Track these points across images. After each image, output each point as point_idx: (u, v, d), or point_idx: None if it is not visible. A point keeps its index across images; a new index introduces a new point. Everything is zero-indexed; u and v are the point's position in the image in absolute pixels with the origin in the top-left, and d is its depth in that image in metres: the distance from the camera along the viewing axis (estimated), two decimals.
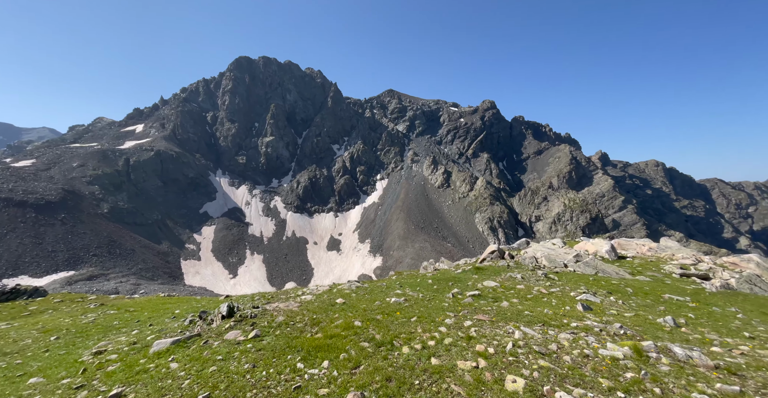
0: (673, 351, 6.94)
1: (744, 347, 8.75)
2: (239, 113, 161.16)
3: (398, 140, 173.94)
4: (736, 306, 14.74)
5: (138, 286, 69.19)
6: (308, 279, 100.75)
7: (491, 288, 15.48)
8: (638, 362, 6.56)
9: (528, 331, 8.37)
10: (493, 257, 24.65)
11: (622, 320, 10.80)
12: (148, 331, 11.10)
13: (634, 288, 17.21)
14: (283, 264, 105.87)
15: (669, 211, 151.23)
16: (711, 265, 20.73)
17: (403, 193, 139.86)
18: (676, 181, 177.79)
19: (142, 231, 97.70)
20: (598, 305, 12.82)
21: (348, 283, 18.23)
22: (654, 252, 25.86)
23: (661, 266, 22.13)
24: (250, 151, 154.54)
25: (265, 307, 11.42)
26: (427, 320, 9.83)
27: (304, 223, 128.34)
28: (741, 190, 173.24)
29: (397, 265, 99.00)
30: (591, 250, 27.27)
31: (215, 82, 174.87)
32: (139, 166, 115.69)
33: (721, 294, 16.95)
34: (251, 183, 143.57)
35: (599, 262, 21.88)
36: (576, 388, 5.56)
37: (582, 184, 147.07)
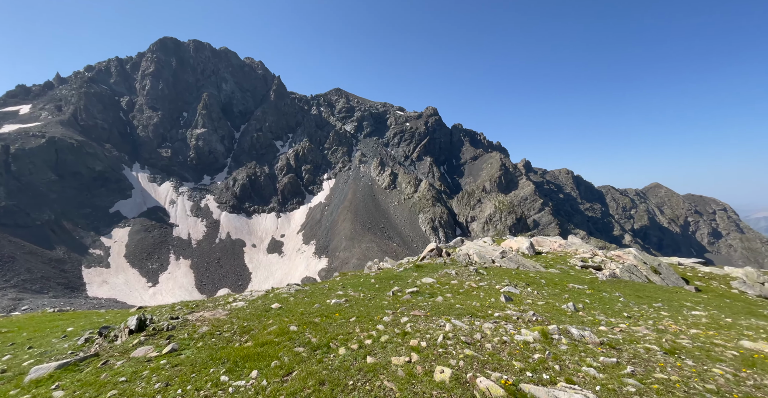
0: (571, 332, 8.16)
1: (623, 325, 10.71)
2: (163, 100, 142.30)
3: (346, 140, 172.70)
4: (619, 292, 17.99)
5: (19, 301, 56.13)
6: (245, 284, 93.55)
7: (429, 285, 16.30)
8: (544, 344, 7.55)
9: (457, 323, 9.00)
10: (432, 255, 26.02)
11: (536, 308, 12.33)
12: (25, 356, 9.04)
13: (546, 280, 19.81)
14: (215, 269, 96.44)
15: (575, 213, 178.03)
16: (603, 258, 25.00)
17: (351, 194, 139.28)
18: (581, 187, 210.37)
19: (27, 234, 79.66)
20: (518, 296, 14.45)
21: (287, 287, 17.40)
22: (563, 248, 30.18)
23: (568, 260, 25.95)
24: (176, 144, 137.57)
25: (186, 317, 10.23)
26: (366, 319, 9.90)
27: (241, 224, 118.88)
28: (626, 196, 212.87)
29: (343, 266, 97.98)
30: (514, 247, 30.61)
31: (133, 63, 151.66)
32: (23, 155, 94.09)
33: (609, 281, 20.53)
34: (177, 179, 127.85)
35: (520, 258, 24.66)
36: (494, 372, 6.16)
37: (509, 188, 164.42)
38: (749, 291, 20.59)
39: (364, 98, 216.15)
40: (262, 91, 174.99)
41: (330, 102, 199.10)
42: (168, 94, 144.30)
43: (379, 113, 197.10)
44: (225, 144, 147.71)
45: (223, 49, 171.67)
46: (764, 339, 9.83)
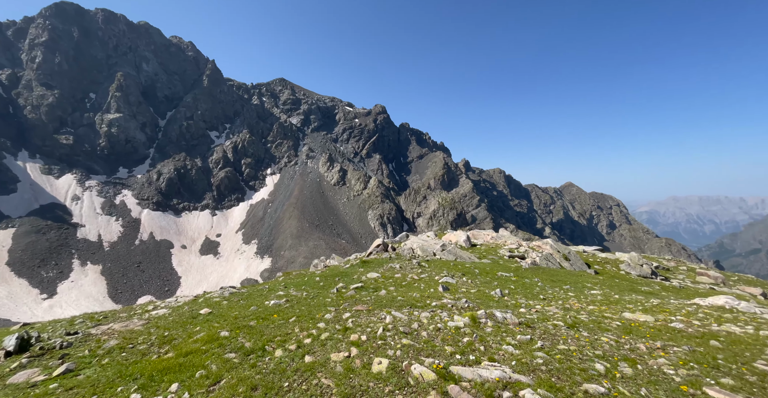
0: (496, 316, 9.07)
1: (538, 306, 12.25)
2: (62, 77, 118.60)
3: (292, 133, 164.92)
4: (538, 277, 20.52)
5: None
6: (173, 290, 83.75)
7: (373, 279, 16.56)
8: (473, 328, 8.26)
9: (398, 315, 9.32)
10: (379, 250, 26.49)
11: (469, 296, 13.41)
12: None
13: (479, 269, 21.66)
14: (134, 275, 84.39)
15: (506, 208, 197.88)
16: (526, 248, 28.26)
17: (298, 190, 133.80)
18: (511, 185, 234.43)
19: None
20: (454, 285, 15.54)
21: (220, 290, 16.05)
22: (494, 240, 33.31)
23: (498, 250, 28.77)
24: (81, 130, 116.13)
25: (89, 332, 8.76)
26: (307, 318, 9.66)
27: (167, 223, 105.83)
28: (546, 193, 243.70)
29: (288, 266, 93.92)
30: (453, 240, 32.79)
31: (16, 28, 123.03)
32: None
33: (531, 269, 23.30)
34: (83, 171, 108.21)
35: (458, 250, 26.52)
36: (428, 358, 6.53)
37: (451, 186, 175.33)
38: (632, 272, 25.31)
39: (312, 91, 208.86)
40: (194, 75, 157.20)
41: (273, 92, 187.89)
42: (68, 71, 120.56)
43: (328, 107, 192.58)
44: (147, 132, 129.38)
45: (143, 23, 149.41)
46: (640, 311, 12.16)
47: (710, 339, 8.08)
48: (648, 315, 10.77)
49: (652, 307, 13.02)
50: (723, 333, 8.81)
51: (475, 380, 5.59)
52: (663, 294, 18.54)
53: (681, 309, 12.68)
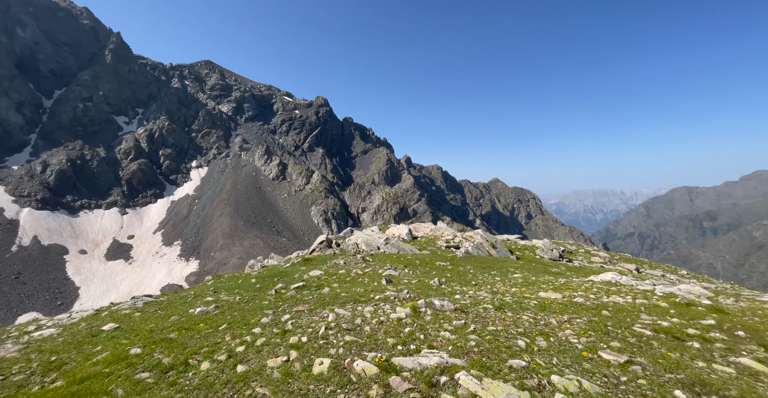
0: (434, 304, 9.55)
1: (471, 292, 13.29)
2: None
3: (222, 122, 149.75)
4: (470, 265, 22.35)
5: None
6: (68, 304, 69.77)
7: (316, 277, 16.05)
8: (414, 318, 8.56)
9: (341, 312, 9.16)
10: (322, 247, 25.80)
11: (410, 286, 13.91)
12: None
13: (420, 260, 22.69)
14: (11, 288, 67.88)
15: (443, 202, 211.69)
16: (460, 239, 30.57)
17: (230, 185, 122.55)
18: (448, 181, 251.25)
19: None
20: (397, 277, 15.97)
21: (131, 301, 13.80)
22: (433, 232, 35.27)
23: (436, 242, 30.56)
24: None
25: None
26: (241, 324, 8.87)
27: (59, 224, 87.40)
28: (477, 188, 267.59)
29: (219, 268, 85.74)
30: (396, 234, 33.75)
31: None
32: None
33: (465, 257, 25.28)
34: None
35: (401, 243, 27.37)
36: (371, 353, 6.53)
37: (394, 181, 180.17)
38: (545, 256, 29.31)
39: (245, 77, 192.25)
40: (91, 48, 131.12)
41: (198, 76, 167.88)
42: None
43: (264, 96, 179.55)
44: (25, 114, 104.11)
45: None
46: (552, 290, 14.09)
47: (602, 310, 9.75)
48: (557, 293, 12.55)
49: (560, 286, 15.22)
50: (611, 303, 10.72)
51: (416, 369, 5.77)
52: (568, 274, 21.87)
53: (581, 285, 15.10)
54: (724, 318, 8.86)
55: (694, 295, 12.08)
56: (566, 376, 5.38)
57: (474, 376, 5.41)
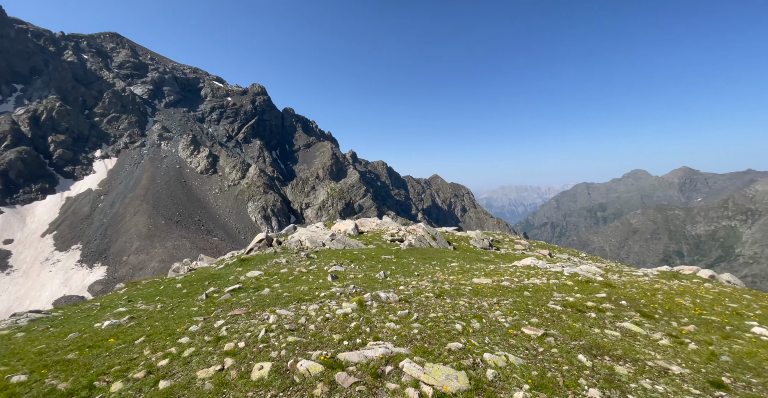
0: (380, 296, 9.73)
1: (414, 282, 13.89)
2: None
3: (136, 107, 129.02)
4: (413, 257, 23.35)
5: None
6: None
7: (255, 278, 15.00)
8: (360, 312, 8.60)
9: (283, 312, 8.72)
10: (262, 246, 24.19)
11: (356, 281, 13.94)
12: None
13: (366, 255, 22.89)
14: None
15: (388, 197, 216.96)
16: (404, 232, 31.72)
17: (148, 178, 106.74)
18: (392, 176, 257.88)
19: None
20: (343, 273, 15.86)
21: (12, 319, 11.13)
22: (379, 227, 35.89)
23: (382, 236, 31.18)
24: None
25: None
26: (164, 335, 7.82)
27: None
28: (419, 183, 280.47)
29: (135, 274, 74.47)
30: (342, 229, 33.44)
31: None
32: None
33: (408, 250, 26.30)
34: None
35: (347, 238, 27.22)
36: (315, 351, 6.36)
37: (340, 176, 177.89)
38: (478, 246, 32.16)
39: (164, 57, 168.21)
40: None
41: (101, 50, 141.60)
42: None
43: (189, 80, 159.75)
44: None
45: None
46: (483, 275, 15.52)
47: (524, 291, 11.10)
48: (488, 279, 13.88)
49: (490, 272, 16.87)
50: (531, 285, 12.26)
51: (361, 362, 5.80)
52: (496, 261, 24.38)
53: (507, 270, 16.97)
54: (612, 291, 10.84)
55: (591, 274, 14.53)
56: (496, 353, 5.98)
57: (417, 362, 5.66)
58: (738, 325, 7.68)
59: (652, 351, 6.17)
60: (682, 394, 4.63)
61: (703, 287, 13.03)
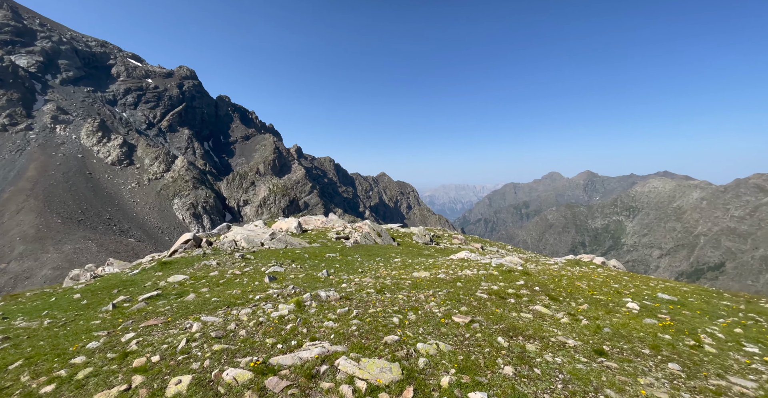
0: (320, 296, 9.54)
1: (357, 279, 13.93)
2: None
3: (19, 81, 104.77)
4: (358, 254, 23.42)
5: None
6: None
7: (178, 283, 13.41)
8: (297, 313, 8.31)
9: (210, 319, 7.96)
10: (188, 247, 21.71)
11: (297, 281, 13.44)
12: None
13: (310, 254, 22.23)
14: None
15: (336, 194, 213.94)
16: (350, 229, 31.63)
17: (36, 169, 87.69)
18: (340, 173, 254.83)
19: None
20: (282, 273, 15.13)
21: None
22: (324, 225, 35.13)
23: (327, 234, 30.60)
24: None
25: None
26: (51, 356, 6.51)
27: None
28: (367, 181, 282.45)
29: (18, 285, 60.72)
30: (285, 228, 31.91)
31: None
32: None
33: (353, 247, 26.30)
34: None
35: (289, 237, 26.06)
36: (245, 358, 5.96)
37: (283, 172, 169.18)
38: (420, 241, 33.70)
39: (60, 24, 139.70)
40: None
41: None
42: None
43: (95, 54, 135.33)
44: None
45: None
46: (423, 269, 16.30)
47: (457, 282, 11.97)
48: (426, 272, 14.64)
49: (429, 265, 17.82)
50: (463, 276, 13.27)
51: (295, 364, 5.62)
52: (435, 255, 25.86)
53: (444, 263, 18.12)
54: (529, 278, 12.34)
55: (513, 264, 16.34)
56: (428, 342, 6.34)
57: (353, 359, 5.69)
58: (617, 302, 9.44)
59: (555, 328, 7.20)
60: (574, 363, 5.50)
61: (596, 272, 15.67)
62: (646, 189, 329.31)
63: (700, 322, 8.10)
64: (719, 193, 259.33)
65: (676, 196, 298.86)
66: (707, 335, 7.20)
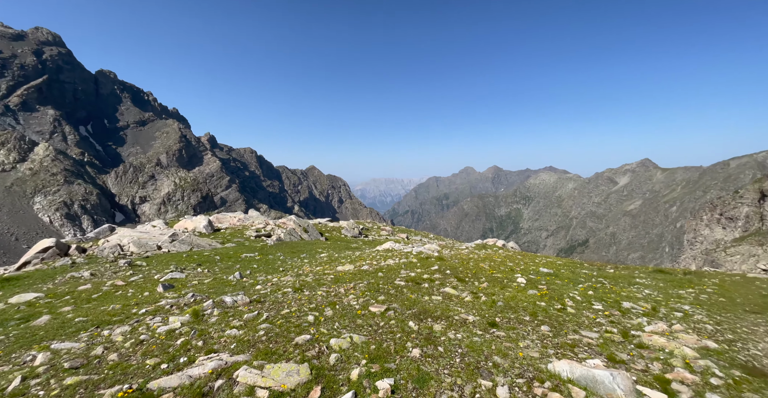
0: (225, 302, 8.49)
1: (275, 279, 12.94)
2: None
3: None
4: (281, 252, 21.98)
5: None
6: None
7: (25, 304, 10.33)
8: (194, 324, 7.20)
9: (64, 346, 6.26)
10: (47, 257, 16.99)
11: (200, 288, 11.78)
12: None
13: (222, 255, 19.89)
14: None
15: (259, 189, 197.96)
16: (273, 226, 29.50)
17: None
18: (264, 166, 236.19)
19: None
20: (182, 280, 13.10)
21: None
22: (242, 222, 31.95)
23: (245, 232, 27.89)
24: None
25: None
26: None
27: None
28: (295, 175, 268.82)
29: None
30: (191, 227, 27.92)
31: None
32: None
33: (276, 245, 24.59)
34: None
35: (195, 238, 22.87)
36: (113, 387, 4.82)
37: (193, 163, 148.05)
38: (349, 234, 33.60)
39: None
40: None
41: None
42: None
43: None
44: None
45: None
46: (348, 262, 16.16)
47: (379, 272, 12.17)
48: (351, 265, 14.56)
49: (355, 258, 17.80)
50: (385, 266, 13.59)
51: (183, 384, 4.80)
52: (363, 247, 26.11)
53: (370, 255, 18.35)
54: (442, 263, 13.33)
55: (431, 251, 17.53)
56: (342, 336, 6.18)
57: (255, 367, 5.15)
58: (510, 278, 10.91)
59: (460, 307, 7.87)
60: (471, 337, 6.06)
61: (497, 253, 17.97)
62: (537, 181, 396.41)
63: (567, 289, 9.94)
64: (585, 184, 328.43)
65: (558, 187, 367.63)
66: (570, 299, 8.86)
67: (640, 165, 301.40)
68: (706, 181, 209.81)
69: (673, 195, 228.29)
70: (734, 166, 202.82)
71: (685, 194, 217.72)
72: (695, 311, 8.73)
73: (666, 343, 6.03)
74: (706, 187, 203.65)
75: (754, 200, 71.78)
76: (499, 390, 4.54)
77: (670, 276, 14.05)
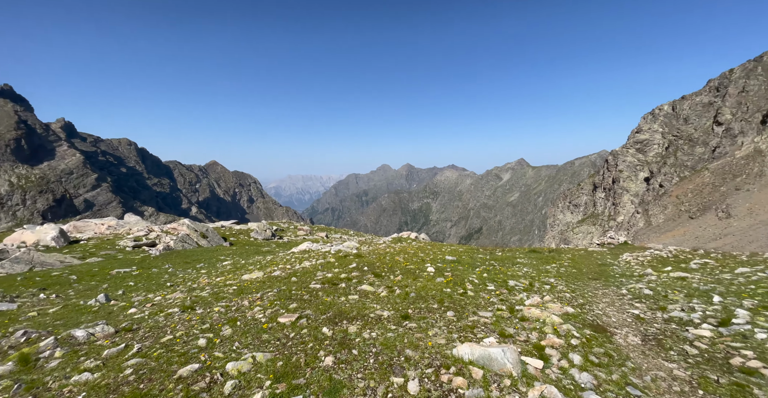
0: (75, 336, 6.45)
1: (159, 297, 10.65)
2: None
3: None
4: (169, 263, 18.44)
5: None
6: None
7: None
8: (20, 374, 5.20)
9: None
10: None
11: (41, 320, 8.79)
12: None
13: (80, 274, 15.48)
14: None
15: (143, 188, 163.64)
16: (158, 233, 24.55)
17: None
18: (148, 161, 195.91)
19: None
20: (12, 313, 9.54)
21: None
22: (113, 230, 25.58)
23: (117, 242, 22.37)
24: None
25: None
26: None
27: None
28: (191, 171, 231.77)
29: None
30: (31, 241, 20.99)
31: None
32: None
33: (163, 255, 20.53)
34: None
35: (38, 254, 17.25)
36: None
37: (39, 158, 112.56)
38: (259, 237, 30.68)
39: None
40: None
41: None
42: None
43: None
44: None
45: None
46: (257, 269, 14.56)
47: (293, 277, 11.29)
48: (260, 272, 13.15)
49: (266, 263, 16.24)
50: (300, 269, 12.74)
51: None
52: (277, 250, 24.19)
53: (284, 259, 17.01)
54: (360, 260, 13.28)
55: (350, 248, 17.38)
56: (242, 358, 5.35)
57: None
58: (422, 268, 11.60)
59: (375, 304, 7.86)
60: (386, 333, 6.08)
61: (411, 245, 19.05)
62: (443, 178, 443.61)
63: (467, 273, 11.14)
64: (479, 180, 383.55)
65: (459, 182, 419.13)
66: (470, 282, 9.93)
67: (517, 163, 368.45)
68: (561, 176, 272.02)
69: (540, 188, 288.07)
70: (578, 165, 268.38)
71: (548, 187, 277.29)
72: (558, 282, 10.88)
73: (540, 314, 7.25)
74: (560, 181, 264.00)
75: (589, 190, 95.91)
76: (410, 385, 4.60)
77: (540, 255, 17.34)
